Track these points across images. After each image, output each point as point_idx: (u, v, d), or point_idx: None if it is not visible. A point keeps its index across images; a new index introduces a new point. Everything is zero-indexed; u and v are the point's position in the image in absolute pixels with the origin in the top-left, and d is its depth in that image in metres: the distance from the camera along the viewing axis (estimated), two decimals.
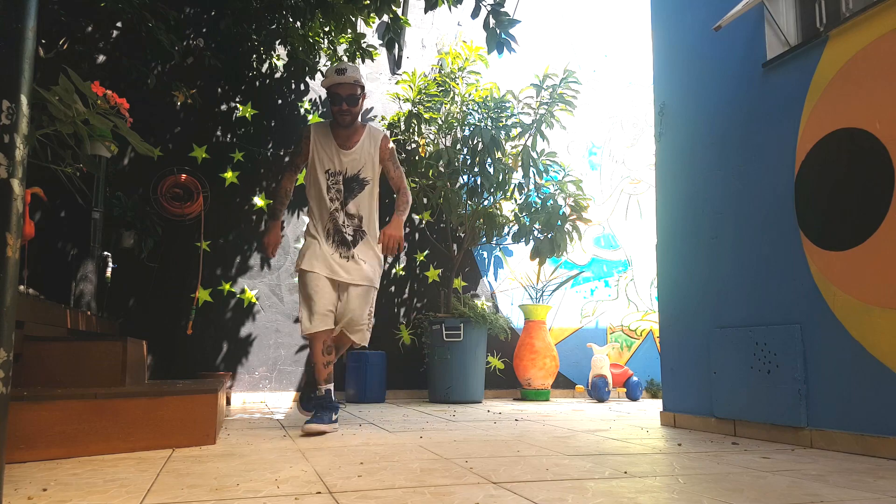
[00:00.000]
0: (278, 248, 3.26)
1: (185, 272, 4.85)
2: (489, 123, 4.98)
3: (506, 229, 5.36)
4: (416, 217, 5.47)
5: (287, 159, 3.19)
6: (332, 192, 3.08)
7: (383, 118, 5.47)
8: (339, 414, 3.01)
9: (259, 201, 5.09)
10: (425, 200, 5.25)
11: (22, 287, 2.69)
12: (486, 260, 5.66)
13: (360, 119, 3.20)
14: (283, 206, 3.23)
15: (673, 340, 3.31)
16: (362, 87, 3.11)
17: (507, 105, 5.04)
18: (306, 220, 5.18)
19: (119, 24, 4.90)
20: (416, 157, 5.26)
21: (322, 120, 5.37)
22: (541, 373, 5.17)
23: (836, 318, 2.41)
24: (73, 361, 2.51)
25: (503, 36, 3.63)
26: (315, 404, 3.00)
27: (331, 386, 2.98)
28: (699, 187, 3.18)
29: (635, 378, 5.37)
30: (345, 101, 3.04)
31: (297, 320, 5.04)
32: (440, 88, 5.07)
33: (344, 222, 3.07)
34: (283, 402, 4.83)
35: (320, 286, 2.98)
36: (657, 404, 4.70)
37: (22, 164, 1.23)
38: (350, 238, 3.07)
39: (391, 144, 3.21)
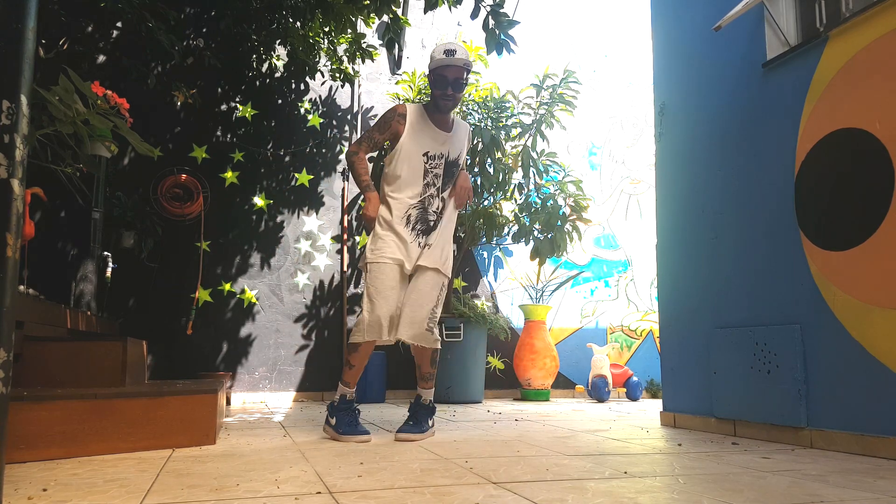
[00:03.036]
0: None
1: (185, 272, 4.85)
2: (489, 123, 4.97)
3: (506, 229, 5.36)
4: None
5: (366, 134, 2.94)
6: (429, 175, 2.84)
7: None
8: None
9: (259, 201, 5.09)
10: None
11: (22, 287, 2.69)
12: (486, 260, 5.66)
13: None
14: (370, 178, 2.89)
15: (673, 340, 3.31)
16: (469, 72, 2.83)
17: (507, 105, 5.03)
18: (306, 219, 5.20)
19: (119, 24, 4.90)
20: None
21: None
22: (541, 373, 5.17)
23: (836, 318, 2.41)
24: (73, 361, 2.51)
25: (502, 37, 3.64)
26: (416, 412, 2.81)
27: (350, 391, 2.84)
28: (699, 187, 3.18)
29: (635, 378, 5.37)
30: (451, 85, 2.78)
31: (297, 319, 5.04)
32: None
33: (437, 208, 2.85)
34: (283, 402, 4.82)
35: (389, 283, 2.71)
36: (657, 404, 4.70)
37: (22, 164, 1.23)
38: (433, 224, 2.84)
39: None
